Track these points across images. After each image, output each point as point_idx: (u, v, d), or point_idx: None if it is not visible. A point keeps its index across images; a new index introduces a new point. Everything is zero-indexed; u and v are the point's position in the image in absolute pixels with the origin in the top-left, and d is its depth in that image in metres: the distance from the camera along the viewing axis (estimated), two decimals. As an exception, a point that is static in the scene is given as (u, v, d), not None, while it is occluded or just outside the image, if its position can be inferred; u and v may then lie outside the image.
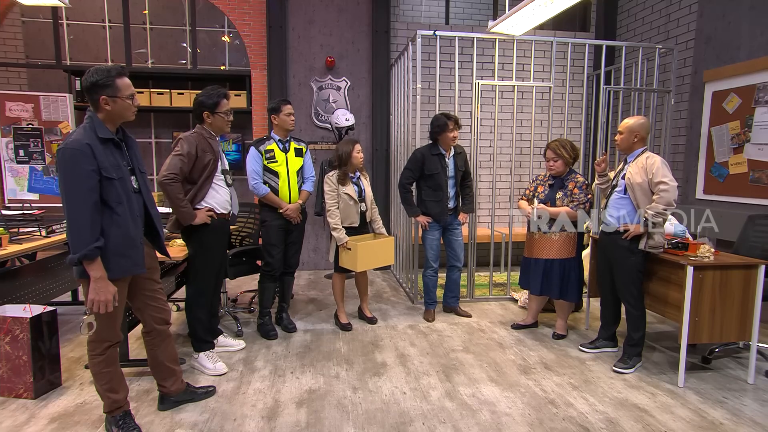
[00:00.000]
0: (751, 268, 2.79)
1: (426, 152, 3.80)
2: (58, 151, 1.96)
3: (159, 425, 2.36)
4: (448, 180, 3.83)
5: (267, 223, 3.54)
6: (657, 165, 2.86)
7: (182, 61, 5.86)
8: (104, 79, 2.03)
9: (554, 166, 3.45)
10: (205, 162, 2.84)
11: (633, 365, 3.02)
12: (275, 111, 3.52)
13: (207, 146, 2.86)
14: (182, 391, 2.55)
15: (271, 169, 3.48)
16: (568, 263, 3.47)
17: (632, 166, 2.99)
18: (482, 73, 5.55)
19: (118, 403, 2.25)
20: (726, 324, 2.79)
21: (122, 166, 2.11)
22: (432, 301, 4.04)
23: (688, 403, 2.64)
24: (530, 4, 3.18)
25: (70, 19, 5.62)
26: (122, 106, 2.08)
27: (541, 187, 3.55)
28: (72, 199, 1.95)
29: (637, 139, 3.01)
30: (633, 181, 2.95)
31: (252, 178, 3.47)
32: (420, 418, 2.46)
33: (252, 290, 4.57)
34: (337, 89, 5.65)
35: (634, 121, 3.02)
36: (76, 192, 1.94)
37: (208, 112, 2.90)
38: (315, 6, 5.49)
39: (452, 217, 3.90)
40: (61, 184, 1.96)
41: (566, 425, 2.40)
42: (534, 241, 3.54)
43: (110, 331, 2.17)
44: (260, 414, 2.49)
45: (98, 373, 2.20)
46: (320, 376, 2.94)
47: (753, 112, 4.11)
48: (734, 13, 4.33)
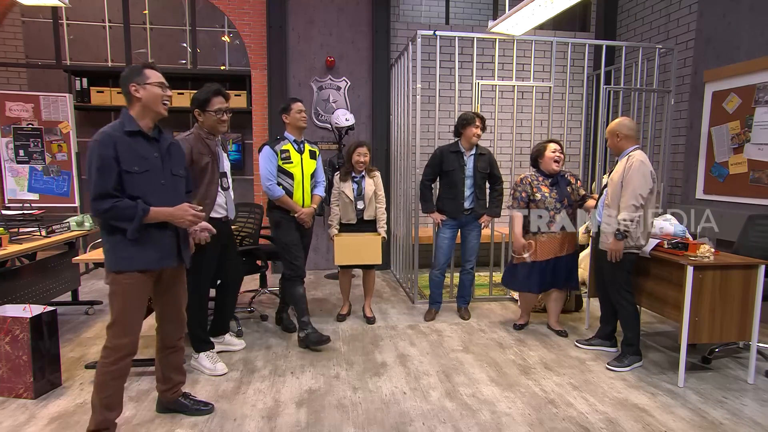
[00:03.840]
0: (751, 268, 2.78)
1: (445, 149, 3.81)
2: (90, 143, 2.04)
3: (159, 425, 2.36)
4: (465, 179, 3.78)
5: (283, 224, 3.41)
6: (633, 167, 2.87)
7: (182, 61, 5.85)
8: (133, 70, 2.12)
9: (560, 160, 3.48)
10: (202, 165, 2.77)
11: (629, 364, 3.02)
12: (285, 110, 3.42)
13: (204, 148, 2.79)
14: (174, 401, 2.48)
15: (286, 170, 3.36)
16: (574, 256, 3.59)
17: (617, 165, 3.04)
18: (482, 73, 5.54)
19: (108, 422, 2.15)
20: (726, 324, 2.79)
21: (152, 158, 2.12)
22: (435, 301, 4.04)
23: (688, 403, 2.64)
24: (530, 4, 3.18)
25: (70, 19, 5.61)
26: (152, 93, 2.11)
27: (546, 188, 3.49)
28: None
29: (620, 139, 3.03)
30: (612, 180, 3.01)
31: (266, 178, 3.33)
32: (420, 418, 2.46)
33: (252, 290, 4.56)
34: (337, 89, 5.65)
35: (614, 123, 3.07)
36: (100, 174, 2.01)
37: (199, 110, 2.81)
38: (315, 6, 5.49)
39: (469, 217, 3.85)
40: (89, 173, 2.02)
41: (566, 425, 2.40)
42: (540, 243, 3.50)
43: (128, 334, 2.12)
44: (260, 414, 2.48)
45: (103, 383, 2.11)
46: (320, 376, 2.93)
47: (753, 112, 4.11)
48: (734, 14, 4.33)
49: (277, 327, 3.79)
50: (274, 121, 5.45)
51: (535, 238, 3.50)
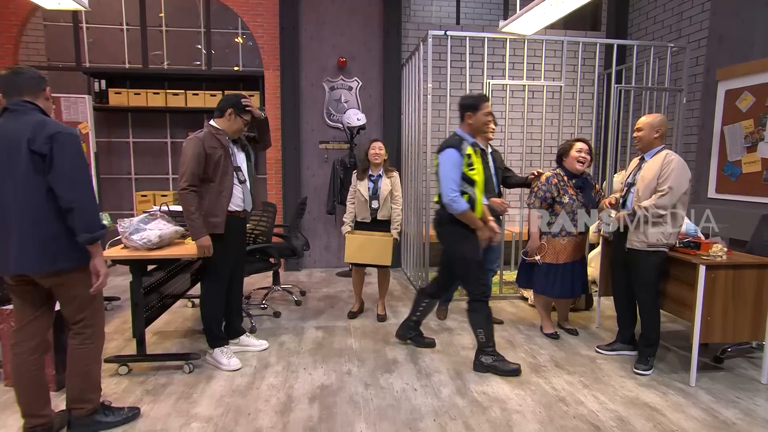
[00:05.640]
0: (764, 268, 2.73)
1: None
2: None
3: (175, 419, 2.39)
4: (493, 177, 3.54)
5: (471, 239, 2.88)
6: (672, 167, 2.79)
7: (197, 62, 5.91)
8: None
9: (585, 161, 3.35)
10: (216, 158, 2.83)
11: (652, 365, 2.97)
12: (472, 108, 2.86)
13: (215, 142, 2.85)
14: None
15: (470, 178, 2.82)
16: (585, 260, 3.54)
17: (649, 163, 2.93)
18: (493, 73, 5.52)
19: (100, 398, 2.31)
20: (739, 323, 2.74)
21: None
22: (447, 299, 4.02)
23: (700, 402, 2.61)
24: (541, 4, 3.16)
25: (89, 23, 5.70)
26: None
27: (572, 191, 3.35)
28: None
29: (657, 135, 2.93)
30: (645, 177, 2.90)
31: (451, 189, 2.75)
32: (431, 414, 2.46)
33: (265, 287, 4.58)
34: (348, 89, 5.66)
35: (653, 118, 2.95)
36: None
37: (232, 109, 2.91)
38: (327, 7, 5.50)
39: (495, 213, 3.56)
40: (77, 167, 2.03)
41: (577, 423, 2.38)
42: (560, 246, 3.39)
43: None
44: (273, 409, 2.50)
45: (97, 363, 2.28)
46: (332, 372, 2.95)
47: (767, 110, 4.03)
48: (748, 11, 4.25)
49: (289, 323, 3.81)
50: (286, 121, 5.48)
51: (554, 241, 3.39)
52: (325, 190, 5.58)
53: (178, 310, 4.07)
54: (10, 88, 2.03)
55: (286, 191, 5.57)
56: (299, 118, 5.56)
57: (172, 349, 3.27)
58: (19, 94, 2.03)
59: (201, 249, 2.78)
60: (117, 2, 5.71)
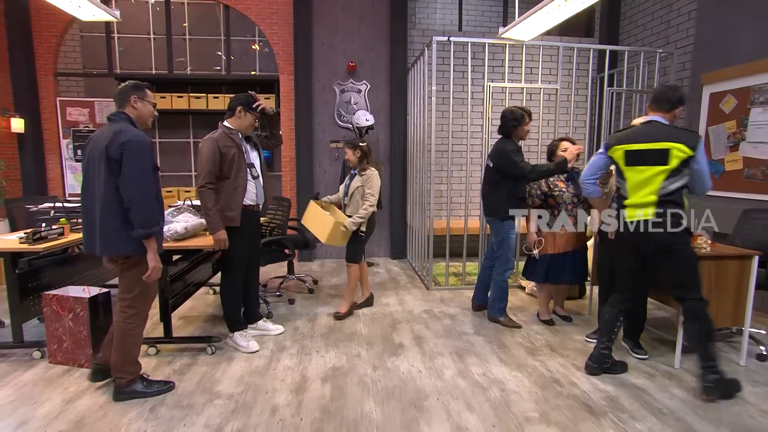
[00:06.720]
0: (745, 259, 2.72)
1: (514, 146, 3.34)
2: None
3: (199, 396, 2.42)
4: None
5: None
6: None
7: (217, 67, 5.92)
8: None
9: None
10: (230, 157, 2.83)
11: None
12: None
13: (229, 141, 2.86)
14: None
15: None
16: (586, 248, 3.50)
17: None
18: (493, 76, 5.48)
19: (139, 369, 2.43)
20: (721, 310, 2.73)
21: None
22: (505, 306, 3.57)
23: (683, 383, 2.60)
24: (538, 12, 3.13)
25: (120, 33, 5.73)
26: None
27: (562, 183, 3.35)
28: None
29: None
30: None
31: (592, 177, 2.68)
32: (435, 394, 2.47)
33: (281, 276, 4.60)
34: (357, 92, 5.64)
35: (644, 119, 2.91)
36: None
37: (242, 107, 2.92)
38: (338, 15, 5.47)
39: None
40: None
41: (570, 402, 2.39)
42: (559, 236, 3.35)
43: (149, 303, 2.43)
44: (289, 388, 2.53)
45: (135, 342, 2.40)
46: (343, 355, 2.96)
47: (748, 112, 3.98)
48: (732, 19, 4.18)
49: (303, 310, 3.82)
50: (300, 121, 5.48)
51: (557, 233, 3.34)
52: (335, 186, 5.58)
53: (200, 297, 4.11)
54: (115, 101, 2.36)
55: (299, 187, 5.58)
56: (312, 118, 5.56)
57: (195, 333, 3.31)
58: (119, 106, 2.34)
59: (218, 242, 2.81)
60: (145, 13, 5.72)
